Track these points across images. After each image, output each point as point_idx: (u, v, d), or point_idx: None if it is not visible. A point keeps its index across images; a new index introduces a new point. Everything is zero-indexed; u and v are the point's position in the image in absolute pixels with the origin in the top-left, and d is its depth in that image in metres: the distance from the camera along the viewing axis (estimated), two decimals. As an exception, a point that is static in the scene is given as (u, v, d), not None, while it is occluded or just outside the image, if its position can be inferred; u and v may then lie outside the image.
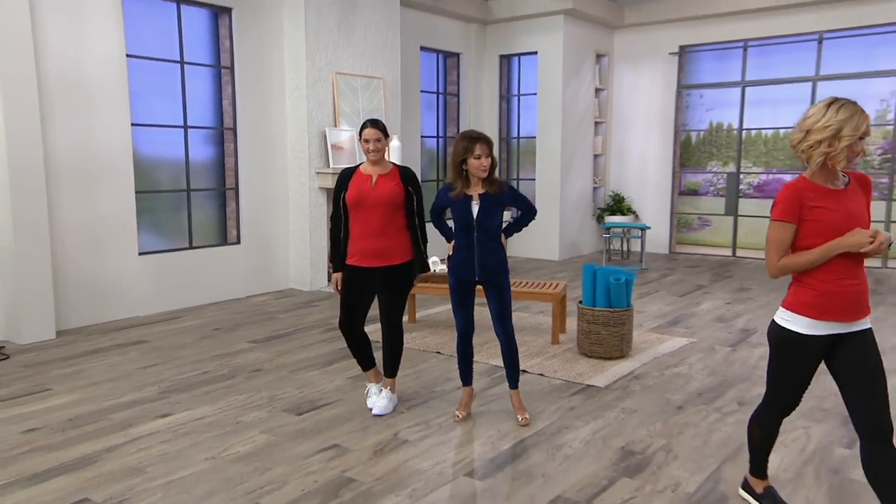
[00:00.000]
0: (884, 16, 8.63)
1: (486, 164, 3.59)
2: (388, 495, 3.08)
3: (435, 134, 9.93)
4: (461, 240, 3.77)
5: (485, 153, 3.58)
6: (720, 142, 10.53)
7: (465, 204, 3.70)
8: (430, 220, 4.00)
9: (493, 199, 3.70)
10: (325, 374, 4.75)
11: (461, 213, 3.71)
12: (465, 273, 3.78)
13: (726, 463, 3.42)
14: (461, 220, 3.73)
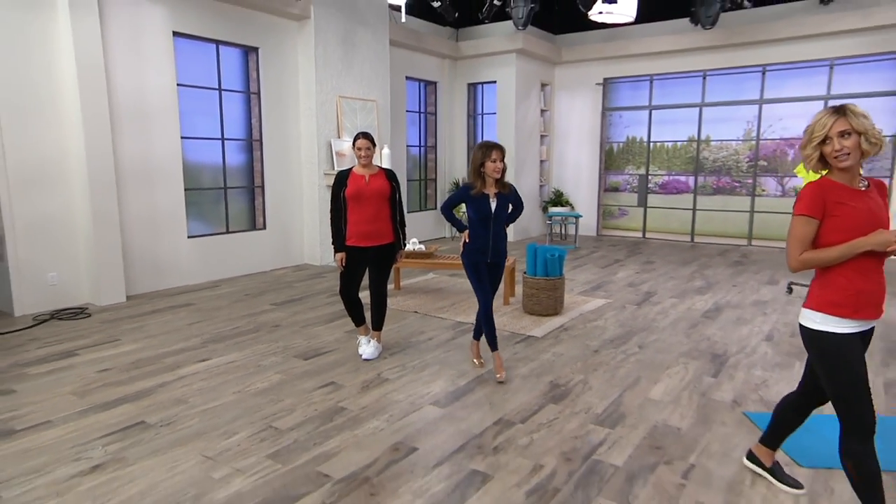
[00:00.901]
0: (749, 59, 8.76)
1: (500, 167, 3.44)
2: (371, 419, 3.08)
3: (418, 144, 9.82)
4: (479, 230, 3.57)
5: (499, 157, 3.43)
6: (634, 151, 10.52)
7: (485, 201, 3.52)
8: (442, 212, 3.85)
9: (505, 198, 3.58)
10: (327, 328, 4.72)
11: (481, 208, 3.52)
12: (482, 256, 3.60)
13: (626, 391, 3.45)
14: (480, 214, 3.53)
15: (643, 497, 2.37)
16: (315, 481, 2.47)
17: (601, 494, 2.39)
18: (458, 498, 2.37)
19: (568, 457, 2.69)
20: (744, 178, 9.50)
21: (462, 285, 6.34)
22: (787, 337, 4.51)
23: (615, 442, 2.83)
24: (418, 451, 2.74)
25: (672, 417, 3.10)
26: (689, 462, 2.65)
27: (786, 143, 9.78)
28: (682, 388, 3.49)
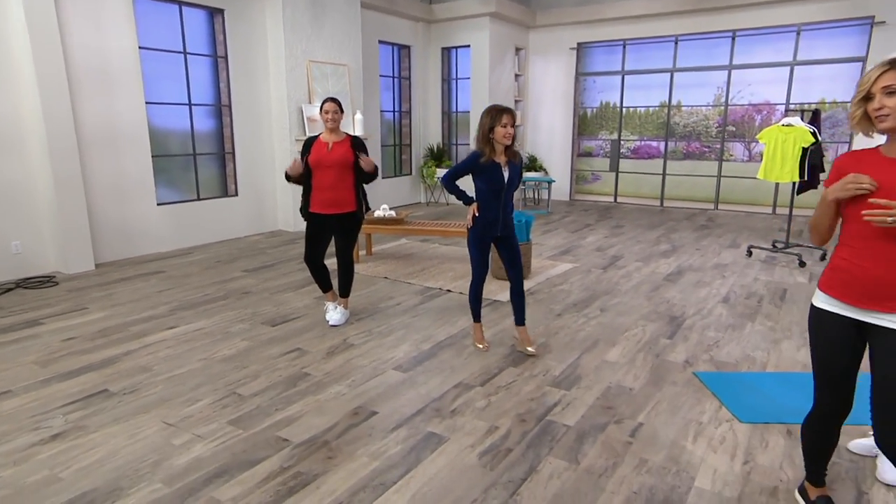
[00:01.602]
0: (719, 25, 8.63)
1: (511, 132, 3.12)
2: (334, 385, 3.10)
3: (392, 109, 9.63)
4: (491, 201, 3.25)
5: (510, 122, 3.10)
6: (608, 116, 10.45)
7: (496, 170, 3.19)
8: (443, 183, 3.39)
9: (516, 168, 3.28)
10: (297, 295, 4.69)
11: (493, 179, 3.19)
12: (493, 230, 3.31)
13: (585, 354, 3.50)
14: (492, 185, 3.21)
15: (591, 455, 2.43)
16: (274, 446, 2.48)
17: (551, 454, 2.44)
18: (413, 459, 2.40)
19: (523, 418, 2.74)
20: (713, 144, 9.53)
21: (434, 251, 6.32)
22: (743, 299, 4.60)
23: (569, 403, 2.89)
24: (378, 415, 2.77)
25: (626, 378, 3.16)
26: (637, 421, 2.71)
27: (754, 108, 9.78)
28: (637, 350, 3.56)
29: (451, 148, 10.35)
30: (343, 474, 2.29)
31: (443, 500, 2.15)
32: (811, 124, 5.65)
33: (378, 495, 2.17)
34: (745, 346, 3.63)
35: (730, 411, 2.79)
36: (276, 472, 2.29)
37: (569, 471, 2.32)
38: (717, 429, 2.64)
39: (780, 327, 3.95)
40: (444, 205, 9.93)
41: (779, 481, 2.25)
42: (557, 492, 2.19)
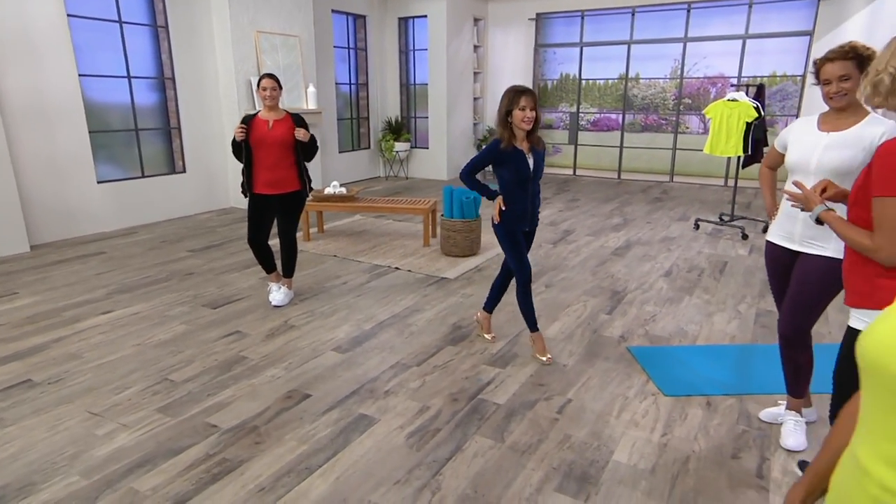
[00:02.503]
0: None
1: (531, 116, 2.80)
2: (270, 368, 3.08)
3: (348, 81, 9.40)
4: (517, 192, 2.96)
5: (529, 105, 2.80)
6: (568, 88, 10.43)
7: (521, 159, 2.90)
8: (462, 178, 3.02)
9: (541, 155, 2.99)
10: (242, 275, 4.62)
11: (519, 168, 2.90)
12: (522, 224, 3.03)
13: (524, 331, 3.55)
14: (518, 175, 2.91)
15: (517, 433, 2.49)
16: (202, 433, 2.47)
17: (478, 432, 2.49)
18: (342, 442, 2.42)
19: (455, 397, 2.78)
20: (670, 116, 9.63)
21: (387, 227, 6.28)
22: (685, 272, 4.71)
23: (503, 381, 2.94)
24: (311, 398, 2.77)
25: (561, 355, 3.23)
26: (567, 397, 2.78)
27: (709, 81, 9.88)
28: (576, 326, 3.62)
29: (411, 121, 10.21)
30: (269, 459, 2.29)
31: (366, 482, 2.18)
32: (755, 99, 5.74)
33: (302, 479, 2.18)
34: (680, 319, 3.73)
35: (656, 385, 2.88)
36: (201, 460, 2.28)
37: (493, 449, 2.38)
38: (641, 403, 2.72)
39: (715, 300, 4.07)
40: (404, 179, 9.85)
41: (691, 451, 2.35)
42: (479, 470, 2.24)
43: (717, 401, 2.74)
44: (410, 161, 10.07)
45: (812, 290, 2.19)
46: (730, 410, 2.65)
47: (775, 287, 2.43)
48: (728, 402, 2.73)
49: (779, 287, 2.41)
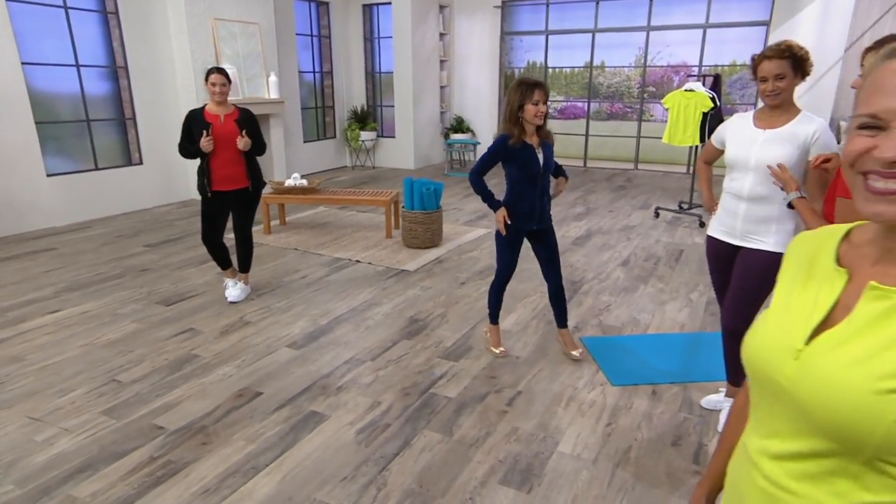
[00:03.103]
0: (645, -20, 8.63)
1: (544, 110, 2.70)
2: (222, 366, 3.05)
3: (312, 70, 9.25)
4: (526, 189, 2.85)
5: (542, 99, 2.68)
6: (535, 76, 10.46)
7: (531, 154, 2.78)
8: (472, 180, 2.89)
9: (550, 148, 2.86)
10: (199, 270, 4.54)
11: (527, 164, 2.79)
12: (530, 223, 2.92)
13: (480, 323, 3.58)
14: (527, 171, 2.80)
15: (466, 426, 2.52)
16: (147, 435, 2.43)
17: (428, 427, 2.52)
18: (290, 440, 2.42)
19: (407, 392, 2.80)
20: (635, 104, 9.73)
21: (350, 219, 6.24)
22: (642, 261, 4.80)
23: (455, 375, 2.96)
24: (262, 396, 2.75)
25: (515, 347, 3.27)
26: (517, 389, 2.82)
27: (672, 69, 10.01)
28: (531, 318, 3.67)
29: (377, 110, 10.11)
30: (215, 460, 2.28)
31: (313, 480, 2.18)
32: (711, 90, 5.84)
33: (248, 479, 2.18)
34: (633, 309, 3.81)
35: (605, 375, 2.94)
36: (145, 463, 2.25)
37: (441, 443, 2.40)
38: (589, 393, 2.78)
39: (669, 289, 4.17)
40: (371, 168, 9.77)
41: (634, 440, 2.41)
42: (426, 465, 2.27)
43: (663, 389, 2.81)
44: (377, 150, 9.99)
45: (753, 283, 2.26)
46: (674, 398, 2.73)
47: (717, 281, 2.50)
48: (673, 390, 2.80)
49: (721, 281, 2.47)
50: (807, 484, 0.70)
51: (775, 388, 0.73)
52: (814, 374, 0.68)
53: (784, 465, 0.73)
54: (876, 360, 0.64)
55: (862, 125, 0.68)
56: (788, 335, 0.73)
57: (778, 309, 0.79)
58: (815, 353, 0.69)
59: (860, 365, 0.65)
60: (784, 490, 0.73)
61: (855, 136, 0.69)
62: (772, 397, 0.75)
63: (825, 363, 0.68)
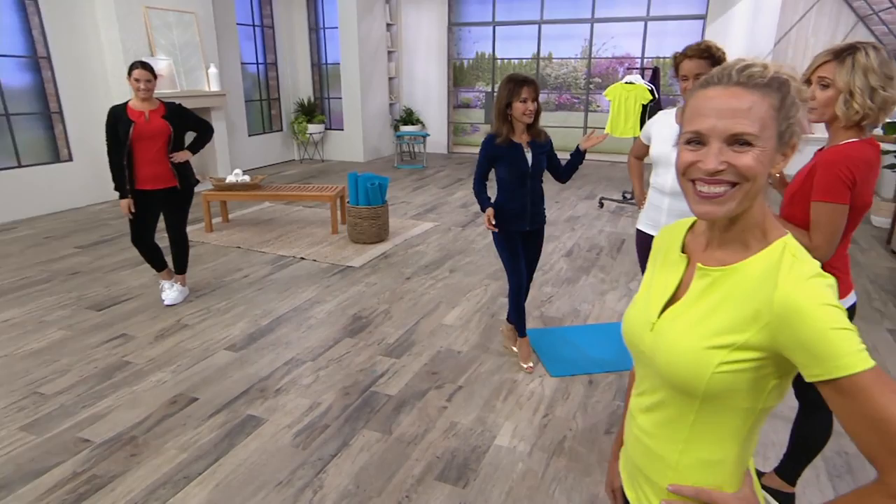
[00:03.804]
0: (588, -27, 8.75)
1: (533, 108, 2.60)
2: (156, 372, 2.95)
3: (255, 61, 8.99)
4: (514, 189, 2.76)
5: (531, 97, 2.59)
6: (483, 67, 10.49)
7: (519, 152, 2.69)
8: (474, 190, 2.84)
9: (541, 147, 2.75)
10: (134, 272, 4.37)
11: (515, 163, 2.70)
12: (521, 224, 2.82)
13: (424, 319, 3.59)
14: (515, 170, 2.72)
15: (405, 424, 2.53)
16: (71, 449, 2.34)
17: (367, 426, 2.51)
18: (225, 447, 2.37)
19: (347, 391, 2.78)
20: (582, 95, 9.88)
21: (296, 215, 6.13)
22: (584, 252, 4.91)
23: (396, 372, 2.96)
24: (197, 402, 2.68)
25: (457, 342, 3.29)
26: (457, 385, 2.84)
27: (616, 61, 10.23)
28: (475, 312, 3.70)
29: (324, 102, 9.93)
30: (144, 472, 2.21)
31: (247, 486, 2.15)
32: (650, 82, 6.00)
33: (178, 490, 2.12)
34: (575, 299, 3.90)
35: (544, 367, 3.00)
36: (67, 479, 2.16)
37: (380, 442, 2.40)
38: (528, 385, 2.83)
39: (609, 279, 4.28)
40: (319, 162, 9.61)
41: (568, 430, 2.48)
42: (364, 465, 2.26)
43: (599, 378, 2.89)
44: (326, 143, 9.83)
45: None
46: (609, 387, 2.81)
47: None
48: (608, 378, 2.89)
49: None
50: (661, 428, 0.90)
51: (641, 355, 0.92)
52: (662, 341, 0.86)
53: (648, 415, 0.93)
54: (702, 325, 0.82)
55: (687, 140, 0.82)
56: (647, 312, 0.91)
57: (642, 291, 0.96)
58: (663, 324, 0.88)
59: (692, 330, 0.83)
60: (647, 435, 0.93)
61: (683, 151, 0.82)
62: (640, 363, 0.94)
63: (669, 331, 0.86)
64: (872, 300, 3.81)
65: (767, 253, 0.81)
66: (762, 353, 0.77)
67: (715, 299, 0.82)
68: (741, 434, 0.85)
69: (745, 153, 0.77)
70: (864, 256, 4.69)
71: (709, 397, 0.81)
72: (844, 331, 0.72)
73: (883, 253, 4.80)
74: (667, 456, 0.90)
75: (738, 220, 0.83)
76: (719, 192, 0.79)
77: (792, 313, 0.73)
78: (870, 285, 4.07)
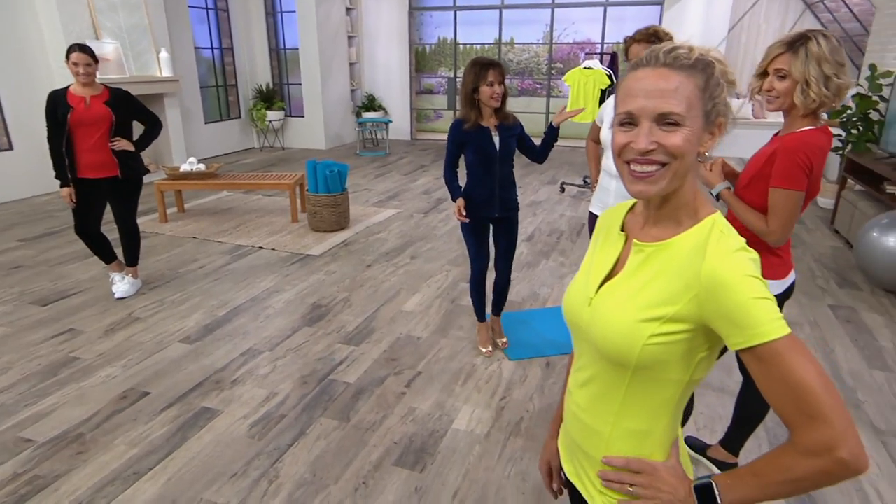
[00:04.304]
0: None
1: (499, 91, 2.54)
2: (105, 367, 2.86)
3: (210, 45, 8.70)
4: (482, 175, 2.70)
5: (497, 80, 2.53)
6: (446, 52, 10.42)
7: (486, 136, 2.64)
8: (444, 178, 2.78)
9: (509, 131, 2.68)
10: (83, 265, 4.21)
11: (482, 147, 2.64)
12: (488, 210, 2.76)
13: (384, 306, 3.57)
14: (482, 154, 2.66)
15: (363, 411, 2.51)
16: (11, 450, 2.24)
17: (325, 414, 2.49)
18: (178, 440, 2.31)
19: (305, 381, 2.75)
20: (544, 80, 9.92)
21: (255, 203, 6.00)
22: (545, 236, 4.95)
23: (356, 359, 2.94)
24: (149, 396, 2.61)
25: (417, 328, 3.29)
26: (416, 370, 2.84)
27: (577, 46, 10.28)
28: (435, 297, 3.70)
29: (283, 88, 9.71)
30: (91, 469, 2.14)
31: (200, 479, 2.10)
32: (609, 67, 6.05)
33: (128, 486, 2.07)
34: (535, 283, 3.93)
35: (502, 350, 3.02)
36: (6, 481, 2.08)
37: (338, 430, 2.39)
38: (487, 369, 2.85)
39: (569, 262, 4.33)
40: (280, 149, 9.41)
41: (525, 412, 2.51)
42: (320, 453, 2.24)
43: (556, 360, 2.93)
44: (286, 130, 9.63)
45: None
46: (565, 369, 2.84)
47: None
48: (565, 360, 2.93)
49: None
50: (594, 402, 0.93)
51: (578, 331, 0.95)
52: (599, 315, 0.89)
53: (583, 390, 0.95)
54: (636, 298, 0.85)
55: (621, 122, 0.84)
56: (586, 288, 0.94)
57: (583, 269, 0.99)
58: (600, 299, 0.90)
59: (626, 303, 0.85)
60: (582, 410, 0.96)
61: (618, 132, 0.85)
62: (577, 338, 0.97)
63: (605, 305, 0.89)
64: (816, 278, 3.96)
65: (698, 229, 0.84)
66: (690, 324, 0.80)
67: (648, 274, 0.85)
68: (670, 406, 0.88)
69: (673, 133, 0.80)
70: (809, 236, 4.87)
71: (640, 368, 0.84)
72: (764, 300, 0.75)
73: (827, 233, 4.99)
74: (600, 429, 0.93)
75: (670, 199, 0.86)
76: (651, 172, 0.82)
77: (717, 285, 0.76)
78: (814, 264, 4.23)
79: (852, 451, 0.70)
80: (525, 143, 2.80)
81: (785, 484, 0.75)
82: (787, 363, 0.73)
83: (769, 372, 0.74)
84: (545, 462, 1.16)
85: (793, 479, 0.74)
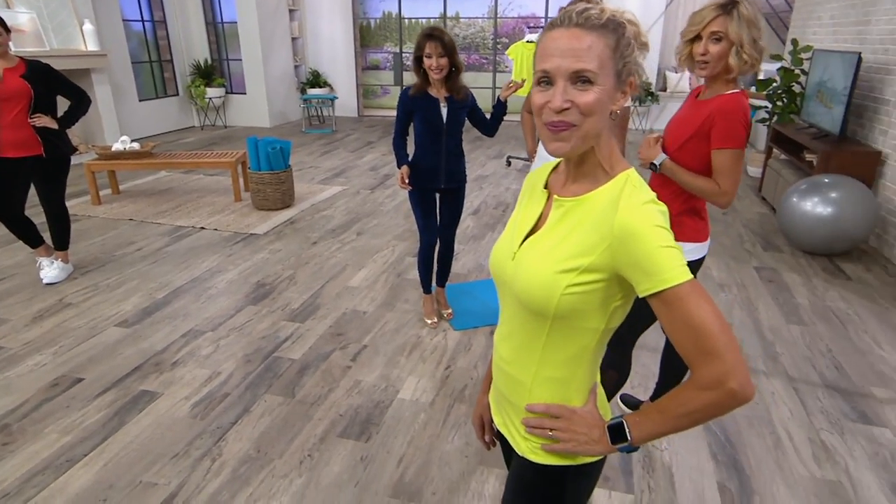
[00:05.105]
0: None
1: (438, 64, 2.47)
2: (34, 355, 2.72)
3: (140, 18, 8.21)
4: (428, 145, 2.67)
5: (436, 52, 2.45)
6: (391, 27, 10.21)
7: (434, 107, 2.61)
8: (393, 143, 2.74)
9: (459, 104, 2.65)
10: (7, 251, 3.96)
11: (429, 117, 2.62)
12: (433, 181, 2.73)
13: (329, 282, 3.52)
14: (429, 124, 2.63)
15: (308, 386, 2.50)
16: (-68, 444, 2.12)
17: (269, 391, 2.46)
18: (115, 425, 2.24)
19: (249, 359, 2.70)
20: (490, 55, 9.88)
21: (196, 183, 5.77)
22: (491, 209, 4.99)
23: (301, 336, 2.90)
24: (82, 383, 2.51)
25: (363, 303, 3.27)
26: (362, 344, 2.84)
27: (522, 20, 10.27)
28: (381, 272, 3.68)
29: (223, 64, 9.30)
30: (19, 460, 2.05)
31: (139, 462, 2.05)
32: (550, 41, 6.08)
33: (60, 474, 1.99)
34: (480, 255, 3.97)
35: (447, 321, 3.05)
36: (-72, 476, 1.96)
37: (282, 405, 2.36)
38: (432, 340, 2.87)
39: (514, 234, 4.38)
40: (222, 128, 9.06)
41: (469, 379, 2.55)
42: (265, 429, 2.22)
43: (500, 328, 2.97)
44: (228, 108, 9.26)
45: None
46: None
47: None
48: (509, 327, 2.98)
49: None
50: (517, 353, 0.97)
51: (503, 285, 0.97)
52: (521, 267, 0.92)
53: (507, 343, 0.99)
54: (555, 251, 0.88)
55: (538, 80, 0.85)
56: (510, 243, 0.97)
57: (509, 226, 1.01)
58: (523, 253, 0.93)
59: (546, 255, 0.89)
60: (506, 362, 0.99)
61: (536, 92, 0.86)
62: (502, 293, 0.99)
63: (527, 258, 0.92)
64: (744, 242, 4.16)
65: (612, 184, 0.88)
66: (605, 273, 0.84)
67: (567, 227, 0.89)
68: (587, 353, 0.93)
69: (586, 91, 0.83)
70: (738, 203, 5.10)
71: (558, 318, 0.88)
72: (670, 248, 0.79)
73: (755, 200, 5.23)
74: (523, 379, 0.97)
75: (588, 157, 0.89)
76: (565, 128, 0.84)
77: (628, 235, 0.81)
78: (742, 229, 4.44)
79: (740, 381, 0.76)
80: (476, 115, 2.78)
81: (684, 416, 0.80)
82: (688, 306, 0.77)
83: (673, 315, 0.79)
84: (477, 416, 1.20)
85: (691, 412, 0.80)
